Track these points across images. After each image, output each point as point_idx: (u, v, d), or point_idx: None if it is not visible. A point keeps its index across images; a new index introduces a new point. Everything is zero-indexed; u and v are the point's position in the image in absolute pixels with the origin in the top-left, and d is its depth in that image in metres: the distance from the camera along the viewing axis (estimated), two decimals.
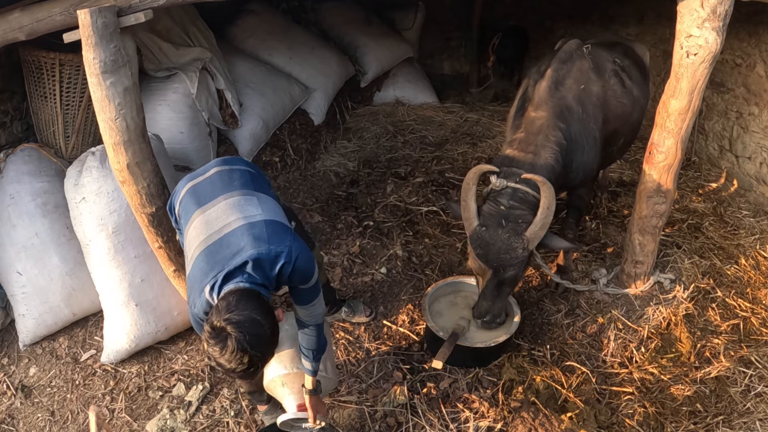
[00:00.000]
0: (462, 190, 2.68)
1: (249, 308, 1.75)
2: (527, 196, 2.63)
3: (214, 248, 1.94)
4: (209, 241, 1.96)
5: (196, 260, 1.95)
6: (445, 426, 2.59)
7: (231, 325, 1.69)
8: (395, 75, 6.42)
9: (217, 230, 1.99)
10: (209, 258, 1.92)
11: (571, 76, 2.93)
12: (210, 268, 1.89)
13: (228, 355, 1.69)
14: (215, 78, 4.22)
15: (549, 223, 2.55)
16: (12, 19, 2.39)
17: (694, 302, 3.19)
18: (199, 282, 1.90)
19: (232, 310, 1.72)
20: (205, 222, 2.04)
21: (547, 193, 2.53)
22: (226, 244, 1.94)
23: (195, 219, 2.08)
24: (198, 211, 2.10)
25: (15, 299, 3.09)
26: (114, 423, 2.77)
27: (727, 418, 2.64)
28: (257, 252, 1.89)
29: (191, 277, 1.96)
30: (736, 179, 4.32)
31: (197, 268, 1.93)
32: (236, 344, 1.68)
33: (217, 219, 2.03)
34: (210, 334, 1.71)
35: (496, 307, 2.76)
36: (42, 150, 3.30)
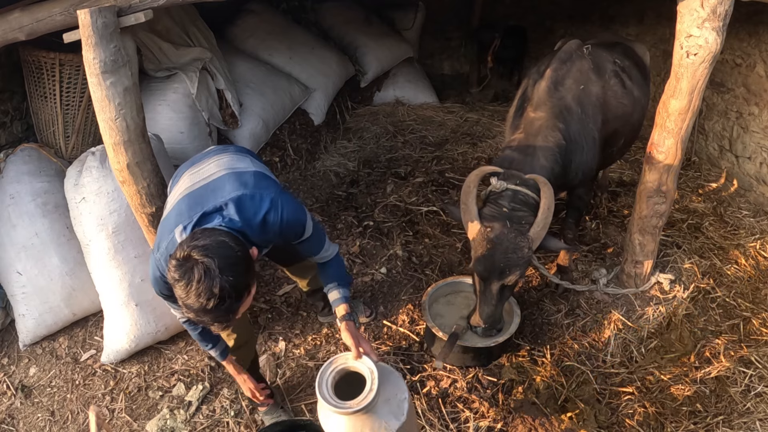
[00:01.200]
0: (462, 192, 2.67)
1: (216, 234, 1.60)
2: (527, 198, 2.63)
3: (196, 193, 1.86)
4: (192, 188, 1.90)
5: (175, 205, 1.86)
6: (445, 426, 2.59)
7: (196, 250, 1.52)
8: (395, 75, 6.43)
9: (202, 179, 1.93)
10: (189, 201, 1.83)
11: (570, 76, 2.93)
12: (187, 209, 1.79)
13: (196, 285, 1.49)
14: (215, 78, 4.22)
15: (549, 223, 2.55)
16: (12, 19, 2.39)
17: (694, 302, 3.19)
18: (172, 224, 1.77)
19: (197, 238, 1.56)
20: (192, 175, 2.01)
21: (547, 193, 2.53)
22: (210, 189, 1.85)
23: (183, 177, 2.07)
24: (187, 171, 2.10)
25: (15, 299, 3.09)
26: (114, 423, 2.77)
27: (727, 418, 2.64)
28: (239, 193, 1.78)
29: (163, 222, 1.84)
30: (736, 179, 4.32)
31: (174, 212, 1.83)
32: (203, 271, 1.50)
33: (205, 171, 1.99)
34: (175, 268, 1.52)
35: (498, 312, 2.73)
36: (42, 150, 3.30)
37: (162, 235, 1.84)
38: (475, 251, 2.59)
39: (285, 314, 3.28)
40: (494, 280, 2.61)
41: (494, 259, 2.54)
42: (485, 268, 2.59)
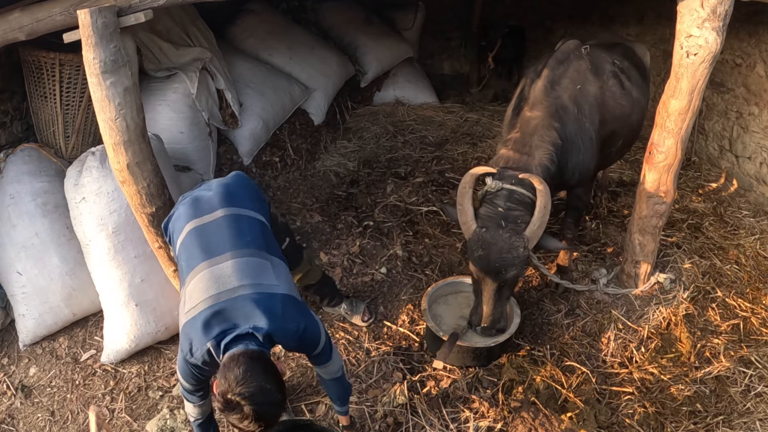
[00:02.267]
0: (458, 193, 2.67)
1: (258, 378, 1.81)
2: (523, 197, 2.63)
3: (225, 306, 1.97)
4: (220, 298, 1.99)
5: (201, 313, 1.97)
6: (445, 426, 2.59)
7: (244, 399, 1.76)
8: (395, 75, 6.42)
9: (229, 289, 2.01)
10: (218, 315, 1.95)
11: (567, 76, 2.93)
12: (217, 324, 1.93)
13: (246, 422, 1.78)
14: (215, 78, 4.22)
15: (546, 222, 2.55)
16: (12, 19, 2.39)
17: (694, 302, 3.19)
18: (202, 335, 1.93)
19: (242, 383, 1.78)
20: (215, 277, 2.05)
21: (543, 192, 2.53)
22: (239, 307, 1.97)
23: (201, 271, 2.08)
24: (205, 263, 2.10)
25: (15, 299, 3.09)
26: (114, 423, 2.77)
27: (727, 418, 2.64)
28: (271, 327, 1.95)
29: (192, 327, 1.97)
30: (736, 179, 4.32)
31: (201, 321, 1.95)
32: (252, 414, 1.77)
33: (229, 277, 2.04)
34: (225, 405, 1.78)
35: (497, 312, 2.73)
36: (42, 150, 3.30)
37: (190, 341, 1.96)
38: (471, 252, 2.61)
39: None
40: (491, 280, 2.62)
41: (490, 260, 2.56)
42: (481, 268, 2.61)
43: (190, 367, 1.99)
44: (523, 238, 2.53)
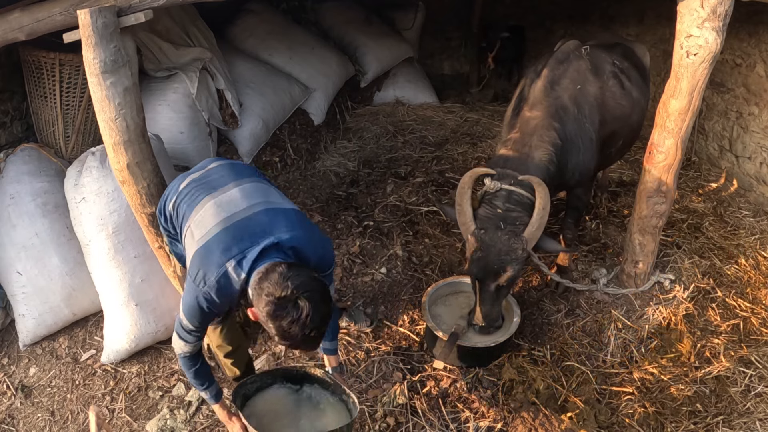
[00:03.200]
0: (457, 194, 2.67)
1: (303, 273, 1.74)
2: (522, 198, 2.63)
3: (241, 225, 1.88)
4: (233, 219, 1.90)
5: (215, 236, 1.87)
6: (445, 426, 2.59)
7: (296, 289, 1.67)
8: (395, 75, 6.42)
9: (242, 209, 1.94)
10: (234, 234, 1.86)
11: (567, 76, 2.93)
12: (234, 244, 1.83)
13: (303, 320, 1.67)
14: (215, 78, 4.22)
15: (545, 224, 2.55)
16: (12, 19, 2.39)
17: (694, 302, 3.19)
18: (217, 257, 1.82)
19: (288, 277, 1.70)
20: (224, 203, 1.97)
21: (542, 193, 2.53)
22: (256, 223, 1.89)
23: (206, 203, 2.00)
24: (208, 197, 2.02)
25: (15, 299, 3.09)
26: (114, 423, 2.77)
27: (727, 418, 2.64)
28: (295, 237, 1.88)
29: (206, 253, 1.85)
30: (736, 179, 4.32)
31: (217, 246, 1.84)
32: (311, 305, 1.67)
33: (239, 200, 1.98)
34: (277, 306, 1.67)
35: (495, 311, 2.75)
36: (42, 150, 3.30)
37: (205, 267, 1.84)
38: (470, 253, 2.61)
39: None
40: (490, 281, 2.63)
41: (488, 261, 2.56)
42: (480, 269, 2.61)
43: (200, 301, 1.84)
44: (521, 240, 2.53)
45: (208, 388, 2.18)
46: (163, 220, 2.26)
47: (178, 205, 2.11)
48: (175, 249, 2.31)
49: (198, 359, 2.10)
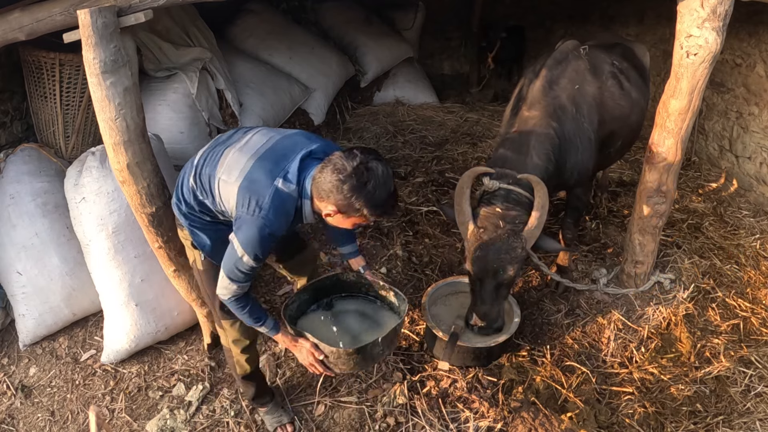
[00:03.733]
0: (455, 194, 2.67)
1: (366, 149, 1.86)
2: (521, 197, 2.63)
3: (269, 153, 1.97)
4: (260, 152, 1.98)
5: (250, 169, 1.93)
6: (445, 426, 2.59)
7: (364, 156, 1.81)
8: (395, 75, 6.42)
9: (263, 143, 2.01)
10: (270, 160, 1.94)
11: (565, 75, 2.93)
12: (273, 166, 1.92)
13: (381, 178, 1.81)
14: (215, 78, 4.22)
15: (544, 222, 2.55)
16: (12, 19, 2.39)
17: (694, 302, 3.19)
18: (263, 180, 1.90)
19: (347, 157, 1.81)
20: (244, 146, 2.04)
21: (540, 192, 2.53)
22: (281, 147, 1.99)
23: (228, 153, 2.04)
24: (227, 149, 2.07)
25: (15, 299, 3.09)
26: (114, 423, 2.77)
27: (727, 418, 2.65)
28: (318, 145, 1.99)
29: (249, 185, 1.91)
30: (736, 179, 4.32)
31: (260, 173, 1.91)
32: (381, 163, 1.82)
33: (257, 140, 2.05)
34: (355, 176, 1.78)
35: (494, 311, 2.73)
36: (42, 150, 3.30)
37: (255, 193, 1.89)
38: (469, 252, 2.60)
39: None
40: (489, 280, 2.62)
41: (487, 260, 2.56)
42: (479, 268, 2.60)
43: (260, 228, 1.87)
44: (521, 238, 2.53)
45: (265, 321, 2.20)
46: (183, 206, 2.20)
47: (200, 173, 2.12)
48: (198, 238, 2.23)
49: (249, 297, 2.14)
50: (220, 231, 2.19)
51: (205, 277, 2.32)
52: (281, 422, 2.62)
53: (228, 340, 2.46)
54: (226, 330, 2.44)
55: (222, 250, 2.12)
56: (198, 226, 2.20)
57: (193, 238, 2.23)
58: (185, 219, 2.22)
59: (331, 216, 1.93)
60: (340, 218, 1.93)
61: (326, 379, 2.87)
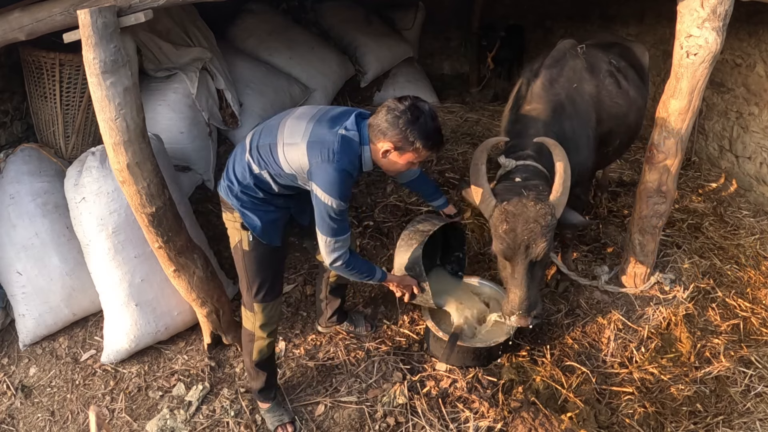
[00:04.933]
0: (471, 172, 2.54)
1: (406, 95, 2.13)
2: (538, 170, 2.58)
3: (325, 116, 2.17)
4: (317, 116, 2.18)
5: (313, 128, 2.12)
6: (445, 426, 2.59)
7: (414, 98, 2.08)
8: (395, 75, 6.42)
9: (317, 110, 2.23)
10: (327, 119, 2.15)
11: (563, 75, 2.93)
12: (333, 122, 2.14)
13: (431, 112, 2.08)
14: (215, 78, 4.22)
15: (569, 187, 2.43)
16: (12, 19, 2.39)
17: (694, 302, 3.19)
18: (328, 133, 2.10)
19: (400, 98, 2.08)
20: (299, 114, 2.23)
21: (560, 155, 2.43)
22: (333, 111, 2.22)
23: (285, 122, 2.22)
24: (282, 120, 2.25)
25: (15, 299, 3.09)
26: (114, 423, 2.77)
27: (727, 418, 2.65)
28: (364, 112, 2.22)
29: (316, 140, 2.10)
30: (736, 179, 4.32)
31: (318, 130, 2.12)
32: (427, 105, 2.09)
33: (309, 109, 2.26)
34: (409, 112, 2.03)
35: (532, 294, 2.50)
36: (42, 150, 3.30)
37: (325, 144, 2.09)
38: (495, 230, 2.44)
39: (285, 314, 3.28)
40: (521, 258, 2.44)
41: (516, 234, 2.38)
42: (509, 245, 2.41)
43: (339, 171, 2.06)
44: (548, 205, 2.38)
45: (374, 274, 2.45)
46: (236, 186, 2.30)
47: (258, 146, 2.26)
48: (249, 219, 2.31)
49: (355, 257, 2.35)
50: (269, 212, 2.34)
51: (248, 258, 2.39)
52: (282, 421, 2.62)
53: (255, 324, 2.49)
54: (257, 314, 2.48)
55: (271, 229, 2.34)
56: (249, 206, 2.31)
57: (244, 218, 2.32)
58: (237, 200, 2.32)
59: (388, 154, 2.12)
60: (395, 156, 2.13)
61: (326, 379, 2.87)
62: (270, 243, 2.38)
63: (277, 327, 2.60)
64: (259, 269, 2.41)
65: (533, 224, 2.37)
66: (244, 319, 2.56)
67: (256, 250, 2.37)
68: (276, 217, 2.37)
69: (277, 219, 2.38)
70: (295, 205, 2.46)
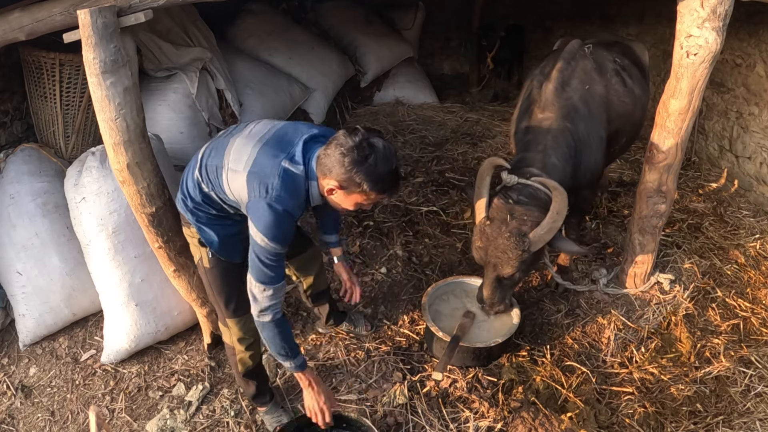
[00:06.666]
0: (477, 178, 2.70)
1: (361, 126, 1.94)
2: (538, 192, 2.59)
3: (274, 139, 2.01)
4: (265, 138, 2.02)
5: (257, 156, 1.96)
6: (445, 426, 2.59)
7: (364, 133, 1.87)
8: (395, 75, 6.42)
9: (267, 131, 2.06)
10: (273, 145, 1.98)
11: (576, 76, 2.91)
12: (278, 150, 1.96)
13: (383, 153, 1.87)
14: (215, 78, 4.22)
15: (557, 228, 2.50)
16: (12, 19, 2.39)
17: (694, 302, 3.19)
18: (270, 163, 1.93)
19: (350, 135, 1.87)
20: (249, 135, 2.07)
21: (558, 198, 2.49)
22: (284, 132, 2.04)
23: (233, 143, 2.07)
24: (232, 138, 2.10)
25: (15, 299, 3.09)
26: (114, 423, 2.77)
27: (727, 418, 2.65)
28: (320, 130, 2.07)
29: (256, 173, 1.94)
30: (736, 179, 4.32)
31: (261, 159, 1.95)
32: (383, 141, 1.90)
33: (260, 128, 2.08)
34: (356, 151, 1.83)
35: (496, 296, 2.77)
36: (42, 150, 3.30)
37: (264, 177, 1.92)
38: (473, 239, 2.67)
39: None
40: (489, 270, 2.68)
41: (487, 253, 2.60)
42: (479, 258, 2.67)
43: (275, 209, 1.89)
44: (523, 240, 2.48)
45: (297, 354, 2.22)
46: (189, 202, 2.21)
47: (206, 165, 2.13)
48: (205, 235, 2.22)
49: (285, 323, 2.15)
50: (227, 226, 2.22)
51: (211, 276, 2.33)
52: (281, 422, 2.62)
53: (233, 338, 2.46)
54: (231, 328, 2.44)
55: (229, 245, 2.19)
56: (205, 222, 2.21)
57: (201, 234, 2.23)
58: (192, 215, 2.22)
59: (333, 192, 1.96)
60: (341, 195, 1.96)
61: (326, 378, 2.87)
62: (230, 259, 2.25)
63: (257, 340, 2.48)
64: (224, 286, 2.31)
65: (501, 253, 2.54)
66: (222, 334, 2.53)
67: (217, 267, 2.28)
68: (235, 231, 2.22)
69: (236, 233, 2.22)
70: None
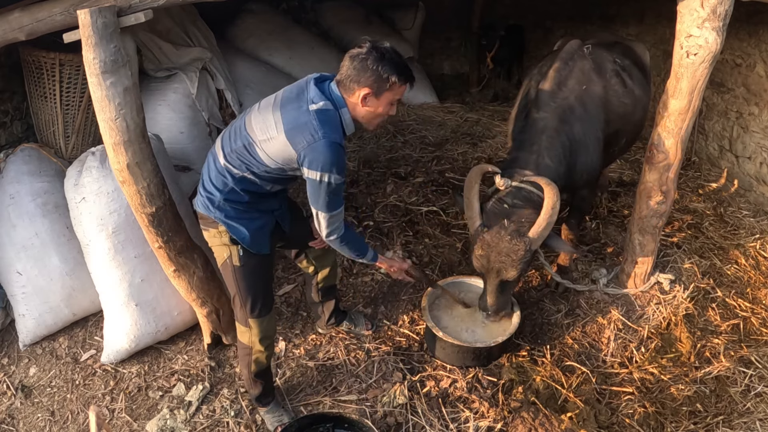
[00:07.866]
0: (465, 188, 2.68)
1: None
2: (531, 195, 2.61)
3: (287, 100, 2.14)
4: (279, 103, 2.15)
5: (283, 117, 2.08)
6: (445, 426, 2.59)
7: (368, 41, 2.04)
8: None
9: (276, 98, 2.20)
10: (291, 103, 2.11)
11: (573, 76, 2.92)
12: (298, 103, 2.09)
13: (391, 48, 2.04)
14: (215, 78, 4.22)
15: (553, 223, 2.53)
16: (12, 19, 2.39)
17: (694, 302, 3.19)
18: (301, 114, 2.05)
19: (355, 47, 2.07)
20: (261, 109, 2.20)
21: (551, 193, 2.51)
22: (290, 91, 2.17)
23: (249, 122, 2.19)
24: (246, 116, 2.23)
25: (15, 299, 3.09)
26: (114, 423, 2.77)
27: (727, 418, 2.65)
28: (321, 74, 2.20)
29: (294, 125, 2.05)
30: (736, 179, 4.32)
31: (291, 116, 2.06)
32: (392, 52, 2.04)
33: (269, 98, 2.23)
34: (374, 51, 1.99)
35: (500, 301, 2.76)
36: (42, 150, 3.30)
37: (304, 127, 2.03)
38: (473, 250, 2.62)
39: (285, 314, 3.28)
40: (492, 277, 2.65)
41: (489, 260, 2.57)
42: (482, 266, 2.64)
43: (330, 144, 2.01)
44: (524, 240, 2.50)
45: (368, 251, 2.44)
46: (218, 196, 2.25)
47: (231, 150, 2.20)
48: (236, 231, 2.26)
49: (350, 232, 2.34)
50: (255, 220, 2.31)
51: (240, 274, 2.35)
52: (281, 421, 2.62)
53: (252, 338, 2.47)
54: (252, 329, 2.46)
55: (259, 237, 2.29)
56: (234, 216, 2.26)
57: (231, 231, 2.27)
58: (220, 212, 2.26)
59: (366, 101, 2.06)
60: (374, 101, 2.07)
61: (326, 379, 2.87)
62: (260, 252, 2.34)
63: (274, 337, 2.58)
64: (252, 283, 2.38)
65: (505, 257, 2.54)
66: (239, 334, 2.54)
67: (248, 263, 2.34)
68: (262, 224, 2.34)
69: (264, 225, 2.35)
70: (279, 208, 2.43)
